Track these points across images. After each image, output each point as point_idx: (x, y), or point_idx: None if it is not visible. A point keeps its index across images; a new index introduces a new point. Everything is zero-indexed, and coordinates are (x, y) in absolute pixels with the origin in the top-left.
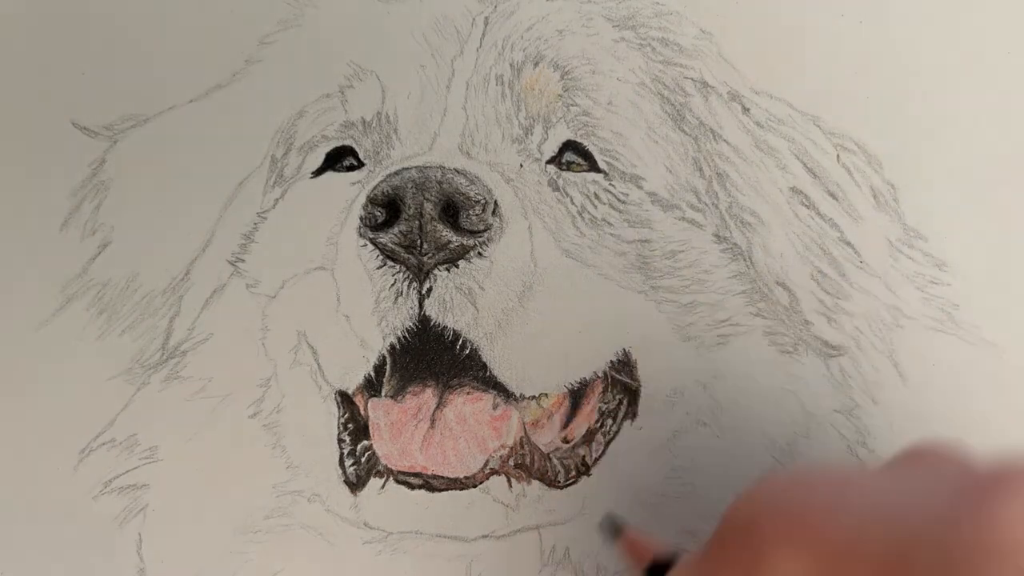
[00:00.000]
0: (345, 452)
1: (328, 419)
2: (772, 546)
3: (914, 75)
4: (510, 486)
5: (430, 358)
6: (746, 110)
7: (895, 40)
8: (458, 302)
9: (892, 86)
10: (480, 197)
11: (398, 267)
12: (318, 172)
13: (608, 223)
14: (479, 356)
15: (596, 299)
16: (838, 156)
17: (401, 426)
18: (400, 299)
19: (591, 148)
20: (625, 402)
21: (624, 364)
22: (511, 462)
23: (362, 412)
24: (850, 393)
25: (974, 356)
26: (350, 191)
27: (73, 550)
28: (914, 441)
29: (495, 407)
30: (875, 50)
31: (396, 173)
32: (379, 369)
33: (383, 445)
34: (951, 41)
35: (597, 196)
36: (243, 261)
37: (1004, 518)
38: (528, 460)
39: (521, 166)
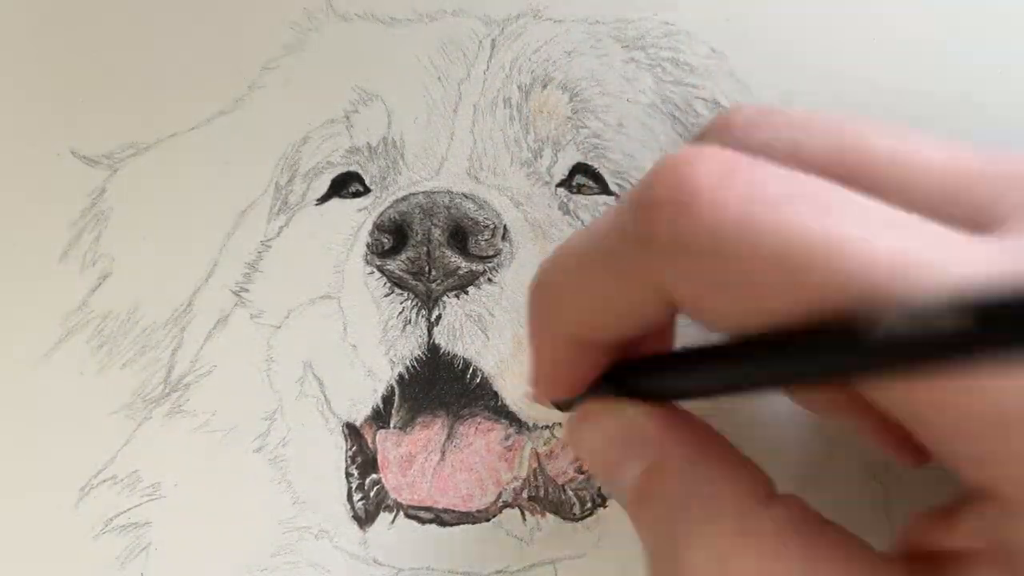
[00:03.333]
0: (353, 486)
1: (335, 452)
2: (546, 309)
3: (929, 93)
4: (524, 519)
5: (440, 388)
6: None
7: (909, 57)
8: (468, 329)
9: (907, 104)
10: (489, 222)
11: (406, 294)
12: (323, 199)
13: None
14: (490, 385)
15: None
16: None
17: (411, 459)
18: (408, 327)
19: (602, 171)
20: None
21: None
22: (525, 494)
23: (370, 445)
24: None
25: None
26: (356, 218)
27: None
28: None
29: (507, 438)
30: (889, 68)
31: (403, 199)
32: (387, 400)
33: (392, 478)
34: (967, 58)
35: None
36: (247, 291)
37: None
38: (542, 492)
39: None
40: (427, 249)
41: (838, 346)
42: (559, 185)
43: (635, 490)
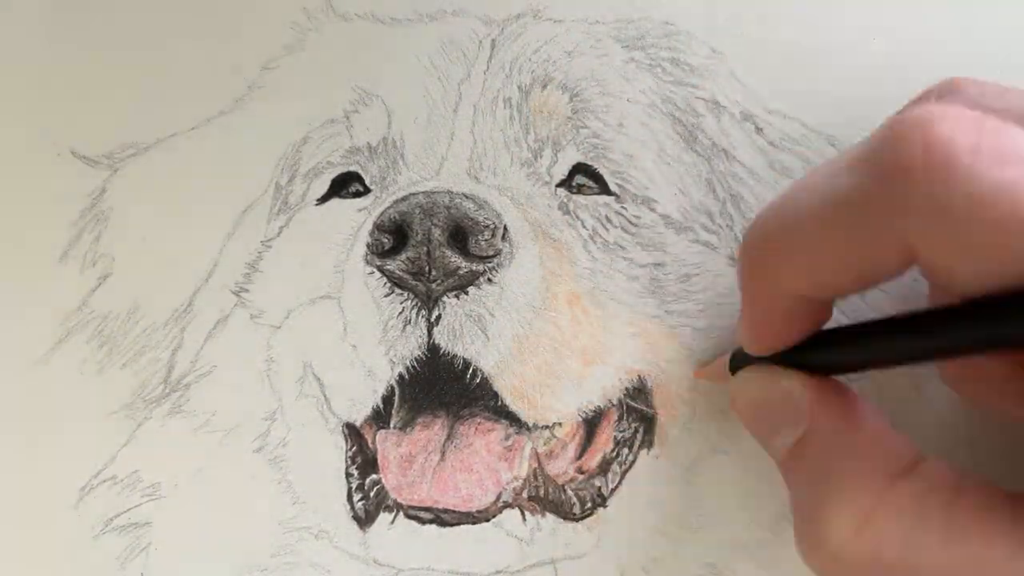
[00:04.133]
0: (353, 486)
1: (335, 453)
2: (770, 263)
3: None
4: (524, 519)
5: (440, 388)
6: (759, 130)
7: (909, 57)
8: (468, 329)
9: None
10: (489, 222)
11: (406, 294)
12: (323, 199)
13: (620, 247)
14: (490, 385)
15: (609, 325)
16: None
17: (411, 459)
18: (408, 327)
19: (602, 171)
20: (641, 430)
21: (639, 391)
22: (525, 494)
23: (370, 445)
24: None
25: None
26: (356, 218)
27: None
28: None
29: (507, 438)
30: (889, 68)
31: (403, 199)
32: (387, 400)
33: (392, 479)
34: (966, 58)
35: (609, 219)
36: (247, 291)
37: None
38: (542, 492)
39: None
40: (427, 249)
41: None
42: (559, 185)
43: (787, 452)
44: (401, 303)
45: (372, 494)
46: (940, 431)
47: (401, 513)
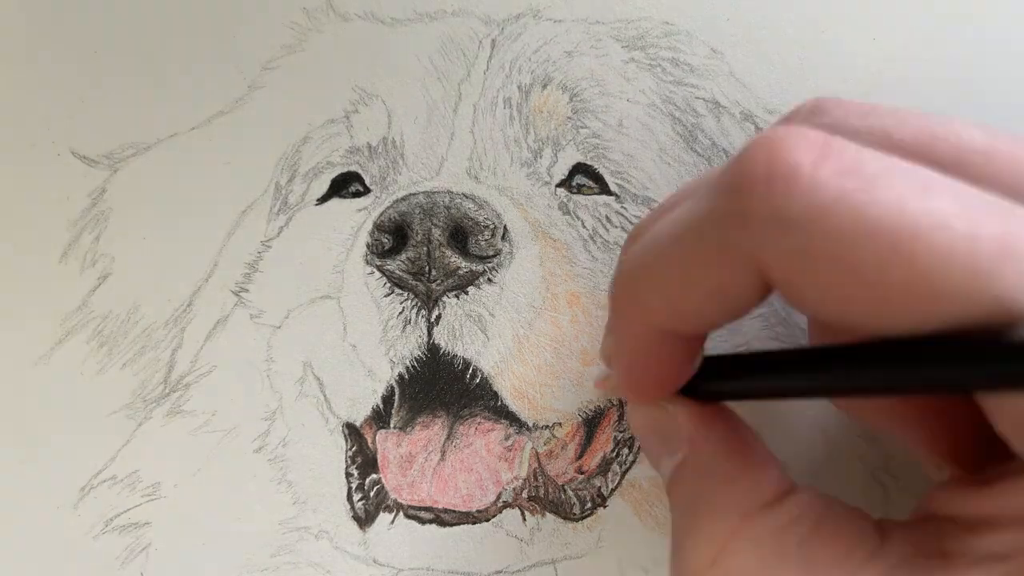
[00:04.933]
0: (353, 486)
1: (335, 452)
2: (633, 298)
3: (928, 93)
4: (524, 519)
5: (440, 388)
6: (759, 130)
7: (908, 57)
8: (468, 329)
9: (908, 104)
10: (489, 222)
11: (406, 294)
12: (323, 199)
13: (620, 247)
14: (490, 385)
15: None
16: None
17: (411, 459)
18: (408, 327)
19: (602, 171)
20: None
21: None
22: (525, 494)
23: (370, 445)
24: None
25: None
26: (356, 218)
27: None
28: None
29: (507, 438)
30: (888, 67)
31: (403, 199)
32: (387, 400)
33: (392, 478)
34: (968, 57)
35: (609, 219)
36: (247, 291)
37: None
38: (542, 492)
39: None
40: (427, 249)
41: (962, 356)
42: (559, 185)
43: (669, 480)
44: (401, 303)
45: (372, 494)
46: (851, 432)
47: (401, 513)
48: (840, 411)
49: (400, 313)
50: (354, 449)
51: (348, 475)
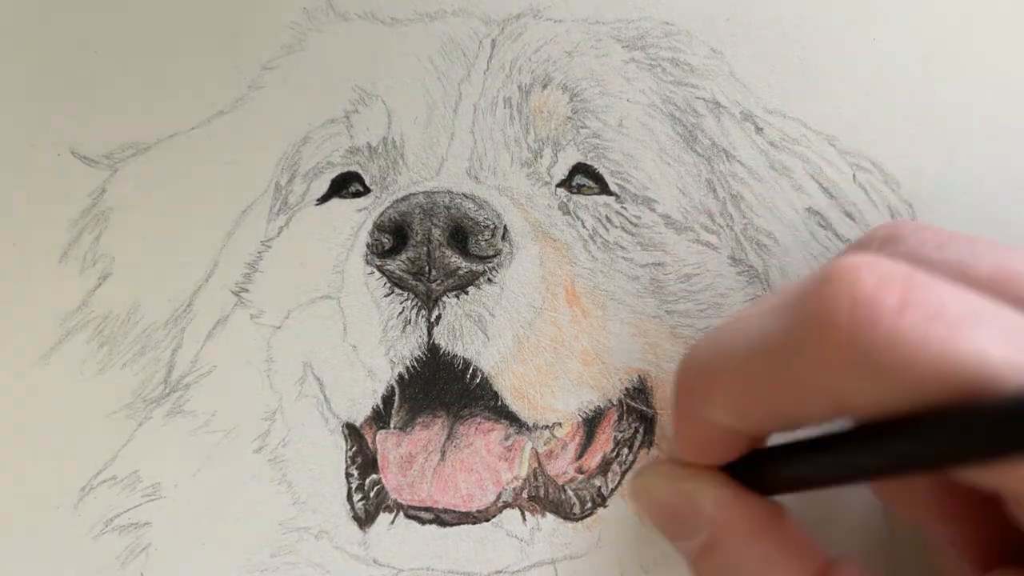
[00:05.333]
0: (353, 487)
1: (335, 453)
2: (699, 395)
3: (929, 92)
4: (524, 519)
5: (440, 388)
6: (759, 130)
7: (910, 57)
8: (468, 329)
9: (908, 104)
10: (489, 222)
11: (406, 295)
12: (323, 199)
13: (620, 247)
14: (490, 385)
15: (609, 325)
16: (854, 175)
17: (411, 459)
18: (408, 327)
19: (602, 171)
20: (641, 430)
21: (639, 391)
22: (525, 494)
23: (370, 445)
24: None
25: None
26: (356, 218)
27: None
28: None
29: (507, 438)
30: (890, 67)
31: (403, 199)
32: (387, 400)
33: (392, 479)
34: (968, 57)
35: (609, 219)
36: (247, 291)
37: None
38: (542, 492)
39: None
40: (427, 249)
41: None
42: (559, 185)
43: (695, 554)
44: (401, 303)
45: (372, 494)
46: (864, 531)
47: (401, 513)
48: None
49: (400, 313)
50: (354, 449)
51: (348, 475)
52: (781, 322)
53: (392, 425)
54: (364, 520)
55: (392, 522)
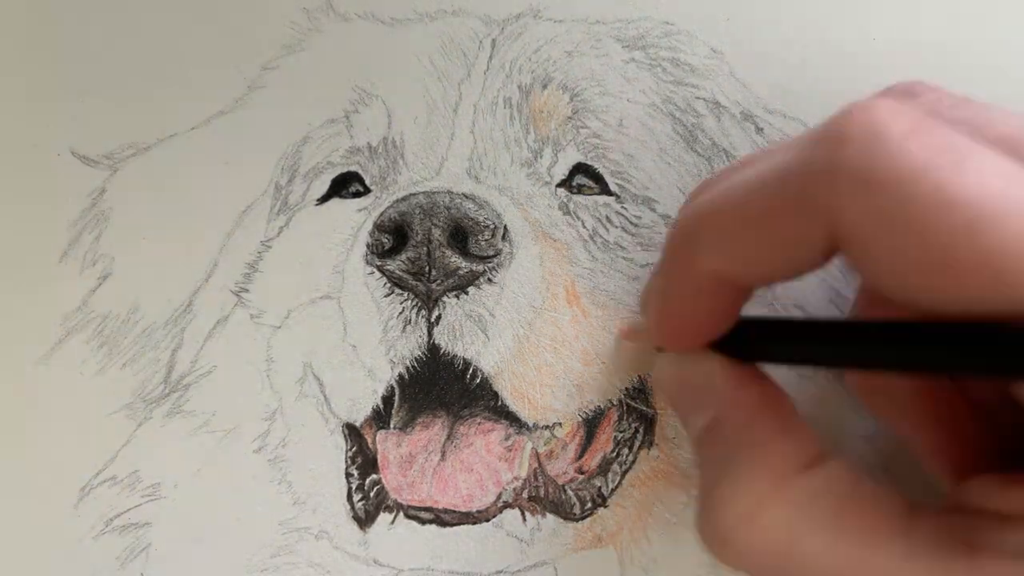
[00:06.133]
0: (353, 487)
1: (335, 453)
2: (695, 240)
3: None
4: (524, 519)
5: (440, 388)
6: (759, 130)
7: (910, 57)
8: (468, 329)
9: None
10: (489, 222)
11: (406, 295)
12: (323, 199)
13: (620, 247)
14: (490, 385)
15: (609, 325)
16: None
17: (411, 459)
18: (408, 327)
19: (602, 171)
20: (641, 430)
21: (639, 391)
22: (525, 494)
23: (370, 445)
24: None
25: None
26: (356, 218)
27: None
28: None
29: (507, 438)
30: (889, 67)
31: (403, 199)
32: (387, 400)
33: (392, 479)
34: (967, 56)
35: (609, 219)
36: (247, 291)
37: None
38: (542, 492)
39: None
40: (427, 249)
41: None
42: (559, 185)
43: (698, 436)
44: (401, 303)
45: (372, 494)
46: (852, 432)
47: (401, 513)
48: (844, 410)
49: (400, 313)
50: (354, 449)
51: (348, 475)
52: (790, 154)
53: (392, 425)
54: (364, 520)
55: (392, 522)
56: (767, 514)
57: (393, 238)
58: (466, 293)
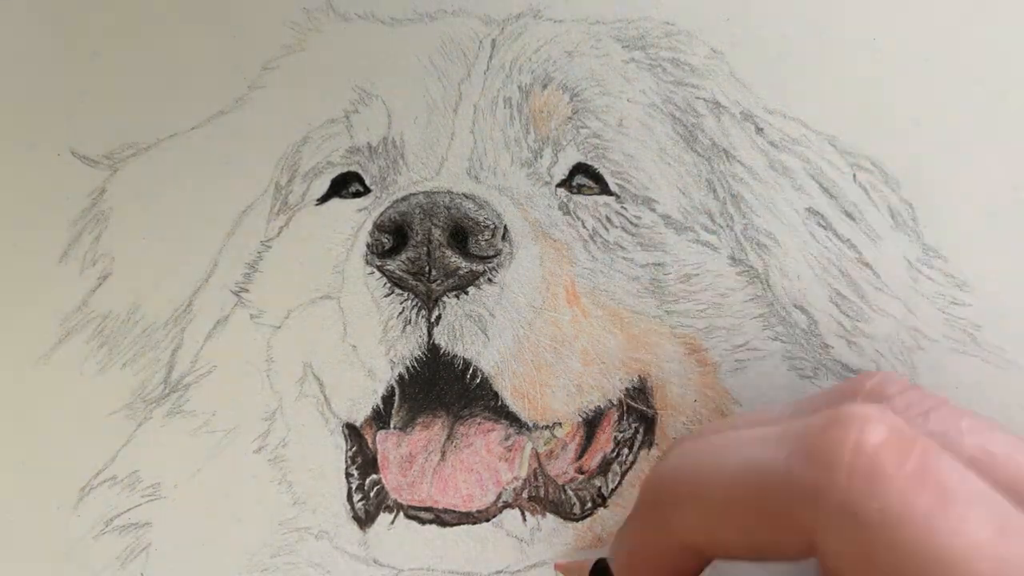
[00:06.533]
0: (353, 487)
1: (335, 453)
2: (671, 507)
3: (929, 92)
4: (524, 519)
5: (440, 388)
6: (760, 130)
7: (910, 57)
8: (468, 329)
9: (908, 103)
10: (489, 222)
11: (406, 295)
12: (323, 199)
13: (621, 247)
14: (490, 385)
15: (609, 325)
16: (854, 175)
17: (411, 459)
18: (408, 327)
19: (602, 171)
20: (641, 430)
21: (639, 391)
22: (525, 494)
23: (370, 445)
24: None
25: (997, 377)
26: (356, 218)
27: None
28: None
29: (507, 438)
30: (890, 67)
31: (403, 199)
32: (387, 400)
33: (392, 479)
34: (967, 56)
35: (609, 219)
36: (247, 291)
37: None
38: (542, 492)
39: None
40: (427, 249)
41: None
42: (559, 185)
43: None
44: (401, 303)
45: (372, 494)
46: None
47: (401, 513)
48: None
49: (400, 313)
50: (354, 449)
51: (348, 475)
52: (777, 451)
53: (392, 425)
54: (364, 520)
55: (392, 522)
56: None
57: (393, 238)
58: (466, 293)
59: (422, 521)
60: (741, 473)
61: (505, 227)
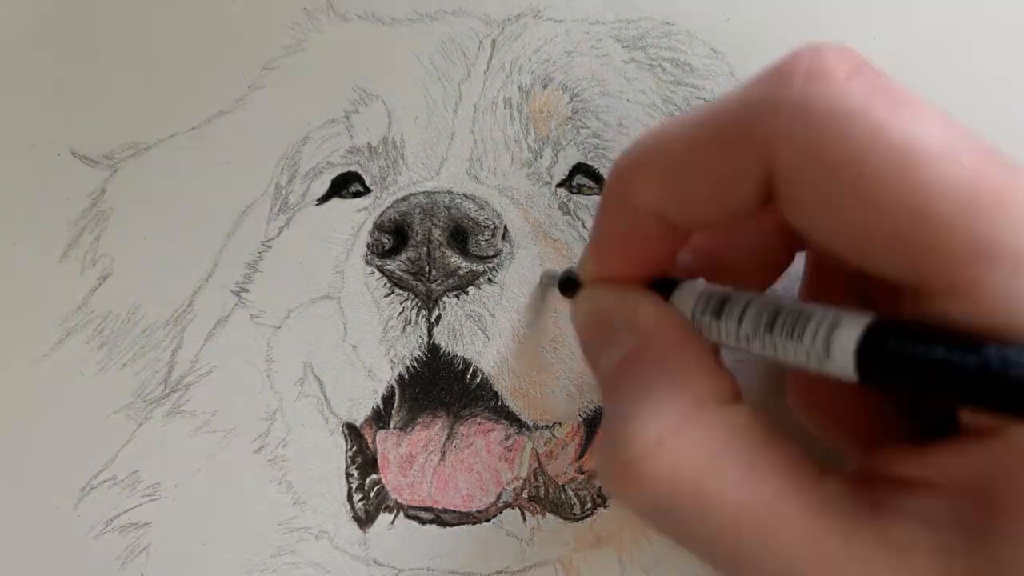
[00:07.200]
0: (353, 487)
1: (335, 453)
2: (632, 176)
3: (929, 92)
4: (524, 520)
5: (440, 388)
6: None
7: (909, 58)
8: (468, 330)
9: None
10: (489, 222)
11: (406, 295)
12: (323, 199)
13: None
14: (490, 385)
15: None
16: None
17: (411, 459)
18: (408, 327)
19: (602, 171)
20: None
21: None
22: (525, 495)
23: (370, 445)
24: None
25: None
26: (356, 218)
27: None
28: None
29: (507, 438)
30: (890, 67)
31: (403, 199)
32: (387, 400)
33: (392, 479)
34: (968, 57)
35: None
36: (247, 291)
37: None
38: (542, 492)
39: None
40: (427, 249)
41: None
42: (559, 185)
43: (609, 373)
44: (401, 303)
45: (372, 494)
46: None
47: (401, 513)
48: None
49: (400, 313)
50: (354, 449)
51: (348, 475)
52: (731, 95)
53: (392, 425)
54: (364, 520)
55: (392, 522)
56: (682, 438)
57: (393, 238)
58: (466, 293)
59: (422, 521)
60: (699, 116)
61: (505, 227)
